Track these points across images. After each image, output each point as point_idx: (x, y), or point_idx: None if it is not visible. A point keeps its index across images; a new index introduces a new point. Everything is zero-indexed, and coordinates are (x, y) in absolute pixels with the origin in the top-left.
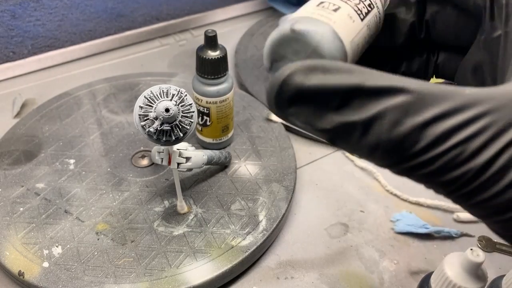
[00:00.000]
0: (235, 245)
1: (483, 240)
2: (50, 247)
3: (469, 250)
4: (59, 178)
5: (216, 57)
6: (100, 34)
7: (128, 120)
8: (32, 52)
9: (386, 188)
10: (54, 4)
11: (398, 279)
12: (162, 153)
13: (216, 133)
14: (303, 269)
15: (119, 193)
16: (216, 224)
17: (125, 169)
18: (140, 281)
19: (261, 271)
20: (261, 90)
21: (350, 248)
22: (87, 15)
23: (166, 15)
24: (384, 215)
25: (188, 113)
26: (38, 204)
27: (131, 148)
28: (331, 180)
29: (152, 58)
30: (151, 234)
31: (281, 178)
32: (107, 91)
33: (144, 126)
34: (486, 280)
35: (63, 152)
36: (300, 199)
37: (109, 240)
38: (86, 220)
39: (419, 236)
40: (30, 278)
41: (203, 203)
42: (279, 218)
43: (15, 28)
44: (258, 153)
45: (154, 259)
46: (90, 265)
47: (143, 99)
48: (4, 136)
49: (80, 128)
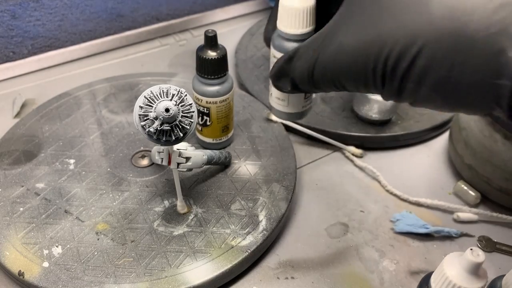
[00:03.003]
0: (235, 245)
1: (483, 240)
2: (50, 247)
3: (469, 250)
4: (59, 178)
5: (216, 57)
6: (100, 34)
7: (128, 120)
8: (32, 52)
9: (386, 188)
10: (54, 4)
11: (398, 279)
12: (162, 153)
13: (216, 133)
14: (303, 269)
15: (119, 193)
16: (216, 224)
17: (125, 169)
18: (140, 281)
19: (261, 271)
20: (261, 90)
21: (350, 248)
22: (87, 15)
23: (166, 15)
24: (384, 215)
25: (188, 113)
26: (38, 204)
27: (131, 148)
28: (331, 180)
29: (152, 58)
30: (151, 234)
31: (281, 178)
32: (107, 91)
33: (144, 126)
34: (486, 280)
35: (63, 152)
36: (300, 199)
37: (109, 240)
38: (86, 220)
39: (419, 236)
40: (30, 278)
41: (203, 203)
42: (279, 218)
43: (15, 28)
44: (258, 153)
45: (154, 259)
46: (90, 265)
47: (143, 99)
48: (4, 136)
49: (80, 128)
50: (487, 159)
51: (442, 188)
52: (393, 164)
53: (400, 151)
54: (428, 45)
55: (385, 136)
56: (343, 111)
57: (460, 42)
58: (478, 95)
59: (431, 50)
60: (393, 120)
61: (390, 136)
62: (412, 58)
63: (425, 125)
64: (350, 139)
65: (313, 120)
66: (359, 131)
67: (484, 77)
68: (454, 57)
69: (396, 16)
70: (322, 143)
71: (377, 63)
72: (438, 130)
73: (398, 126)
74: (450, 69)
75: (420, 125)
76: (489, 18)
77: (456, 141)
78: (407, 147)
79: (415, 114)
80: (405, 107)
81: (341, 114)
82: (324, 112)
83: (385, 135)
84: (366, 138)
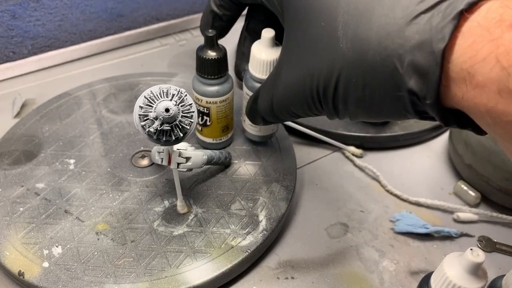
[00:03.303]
0: (235, 245)
1: (483, 240)
2: (50, 247)
3: (469, 250)
4: (59, 178)
5: (216, 57)
6: (100, 34)
7: (128, 120)
8: (32, 52)
9: (386, 188)
10: (54, 4)
11: (398, 279)
12: (162, 153)
13: (216, 133)
14: (303, 269)
15: (119, 193)
16: (216, 224)
17: (125, 169)
18: (140, 281)
19: (261, 271)
20: None
21: (350, 248)
22: (87, 15)
23: (166, 15)
24: (384, 215)
25: (188, 113)
26: (38, 204)
27: (131, 148)
28: (331, 180)
29: (152, 58)
30: (151, 234)
31: (281, 178)
32: (107, 91)
33: (144, 126)
34: (486, 280)
35: (63, 152)
36: (300, 199)
37: (109, 240)
38: (86, 220)
39: (419, 236)
40: (30, 278)
41: (203, 203)
42: (279, 218)
43: (15, 28)
44: (258, 153)
45: (154, 259)
46: (90, 265)
47: (143, 99)
48: (4, 136)
49: (80, 128)
50: (487, 159)
51: (442, 188)
52: (393, 164)
53: (400, 151)
54: (343, 74)
55: (385, 136)
56: None
57: (363, 67)
58: (390, 107)
59: (346, 77)
60: None
61: (390, 136)
62: (334, 85)
63: (425, 125)
64: (350, 139)
65: (313, 120)
66: (359, 131)
67: (388, 92)
68: (362, 79)
69: (318, 54)
70: (322, 143)
71: (312, 93)
72: (438, 130)
73: (398, 126)
74: (363, 89)
75: (420, 125)
76: (381, 45)
77: (456, 141)
78: (407, 147)
79: None
80: None
81: None
82: None
83: (385, 135)
84: (366, 138)
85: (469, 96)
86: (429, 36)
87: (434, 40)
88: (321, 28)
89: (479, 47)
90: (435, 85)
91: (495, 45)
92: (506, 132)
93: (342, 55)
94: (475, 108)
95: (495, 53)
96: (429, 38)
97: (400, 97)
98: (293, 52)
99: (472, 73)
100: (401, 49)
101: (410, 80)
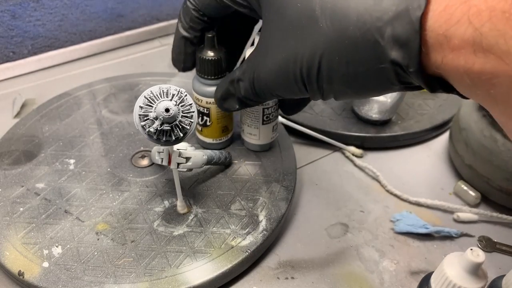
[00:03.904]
0: (235, 245)
1: (483, 240)
2: (50, 247)
3: (469, 250)
4: (59, 178)
5: (216, 58)
6: (100, 34)
7: (128, 120)
8: (32, 52)
9: (386, 188)
10: (54, 4)
11: (398, 279)
12: (162, 153)
13: (216, 133)
14: (303, 269)
15: (119, 193)
16: (216, 224)
17: (125, 169)
18: (140, 281)
19: (261, 271)
20: None
21: (350, 248)
22: (87, 15)
23: (166, 15)
24: (384, 215)
25: (188, 113)
26: (38, 204)
27: (131, 148)
28: (331, 180)
29: (152, 58)
30: (151, 234)
31: (281, 178)
32: (107, 91)
33: (144, 126)
34: (486, 280)
35: (63, 152)
36: (300, 199)
37: (109, 240)
38: (86, 220)
39: (419, 236)
40: (30, 278)
41: (203, 203)
42: (279, 218)
43: (15, 28)
44: (258, 153)
45: (154, 259)
46: (90, 265)
47: (143, 99)
48: (4, 136)
49: (80, 128)
50: (487, 159)
51: (442, 188)
52: (393, 164)
53: (400, 151)
54: (325, 53)
55: (385, 136)
56: (343, 111)
57: (345, 44)
58: (374, 80)
59: (329, 56)
60: (393, 120)
61: (390, 136)
62: (318, 65)
63: (425, 125)
64: (350, 139)
65: (313, 120)
66: (359, 131)
67: (372, 66)
68: (345, 56)
69: (298, 36)
70: (322, 143)
71: (295, 76)
72: (438, 130)
73: (398, 126)
74: (347, 66)
75: (420, 125)
76: (360, 20)
77: (456, 141)
78: (407, 147)
79: (415, 114)
80: (405, 107)
81: (341, 114)
82: (324, 112)
83: (385, 135)
84: (366, 138)
85: (448, 60)
86: (405, 5)
87: (411, 9)
88: (298, 9)
89: (452, 10)
90: (416, 53)
91: (467, 6)
92: (486, 92)
93: (323, 35)
94: (455, 70)
95: (467, 14)
96: (406, 7)
97: (383, 70)
98: (274, 36)
99: (449, 36)
100: (379, 21)
101: (392, 51)
